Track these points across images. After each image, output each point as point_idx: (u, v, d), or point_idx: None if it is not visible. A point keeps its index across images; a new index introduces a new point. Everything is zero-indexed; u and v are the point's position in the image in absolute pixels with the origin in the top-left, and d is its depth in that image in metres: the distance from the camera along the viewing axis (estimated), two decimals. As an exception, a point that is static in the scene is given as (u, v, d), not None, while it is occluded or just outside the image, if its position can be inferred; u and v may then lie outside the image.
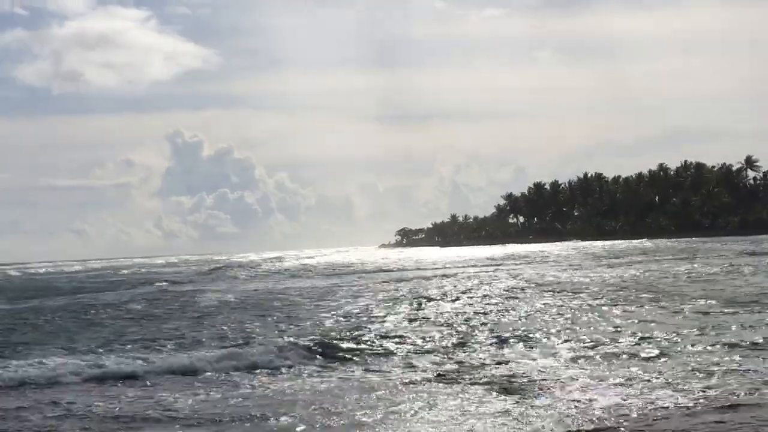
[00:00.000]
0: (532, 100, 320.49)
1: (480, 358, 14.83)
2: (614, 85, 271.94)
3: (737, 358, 13.53)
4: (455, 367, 14.05)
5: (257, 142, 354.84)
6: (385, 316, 22.01)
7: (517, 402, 11.04)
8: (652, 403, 10.64)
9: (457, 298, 26.45)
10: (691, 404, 10.45)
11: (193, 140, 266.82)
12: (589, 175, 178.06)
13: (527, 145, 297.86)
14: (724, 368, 12.68)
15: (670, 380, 12.03)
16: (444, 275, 42.02)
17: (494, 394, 11.67)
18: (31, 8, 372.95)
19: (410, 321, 20.68)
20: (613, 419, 9.89)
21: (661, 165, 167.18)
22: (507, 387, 12.07)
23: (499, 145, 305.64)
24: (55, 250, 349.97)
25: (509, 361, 14.36)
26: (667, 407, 10.35)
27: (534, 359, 14.56)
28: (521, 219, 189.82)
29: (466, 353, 15.50)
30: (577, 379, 12.40)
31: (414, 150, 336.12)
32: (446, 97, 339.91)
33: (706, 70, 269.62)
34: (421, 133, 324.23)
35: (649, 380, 12.13)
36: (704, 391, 11.16)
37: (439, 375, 13.37)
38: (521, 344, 16.29)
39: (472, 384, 12.45)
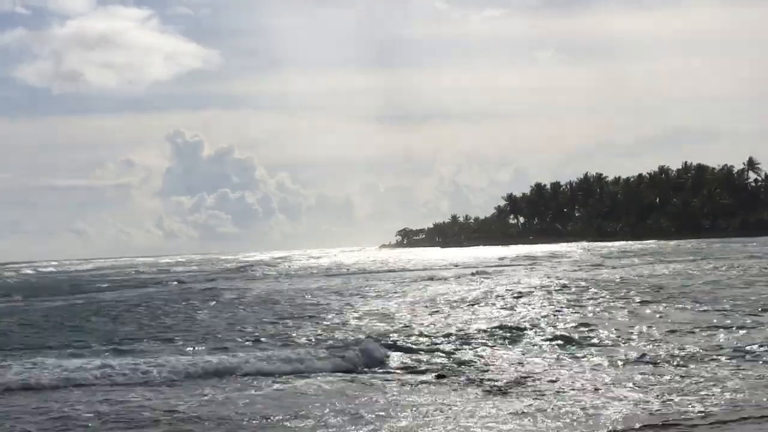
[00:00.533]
0: (532, 100, 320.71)
1: (493, 361, 14.58)
2: (614, 85, 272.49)
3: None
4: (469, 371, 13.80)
5: (258, 143, 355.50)
6: (404, 316, 21.79)
7: (530, 405, 10.84)
8: (670, 409, 10.36)
9: (478, 300, 25.88)
10: (715, 410, 10.14)
11: (193, 140, 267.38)
12: (589, 176, 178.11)
13: (528, 146, 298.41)
14: (754, 376, 12.25)
15: (692, 388, 11.61)
16: (460, 275, 41.43)
17: (501, 396, 11.49)
18: (32, 7, 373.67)
19: (427, 324, 20.31)
20: (624, 426, 9.58)
21: (661, 167, 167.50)
22: (515, 389, 11.90)
23: (500, 146, 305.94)
24: (55, 250, 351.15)
25: (522, 363, 14.22)
26: (686, 415, 10.04)
27: (547, 361, 14.38)
28: (521, 220, 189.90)
29: (485, 356, 15.20)
30: (594, 383, 12.13)
31: (414, 150, 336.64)
32: (446, 98, 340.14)
33: (707, 70, 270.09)
34: (421, 133, 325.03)
35: (670, 386, 11.81)
36: (728, 396, 10.92)
37: (440, 375, 13.24)
38: (537, 346, 16.06)
39: (477, 386, 12.30)
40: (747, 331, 16.63)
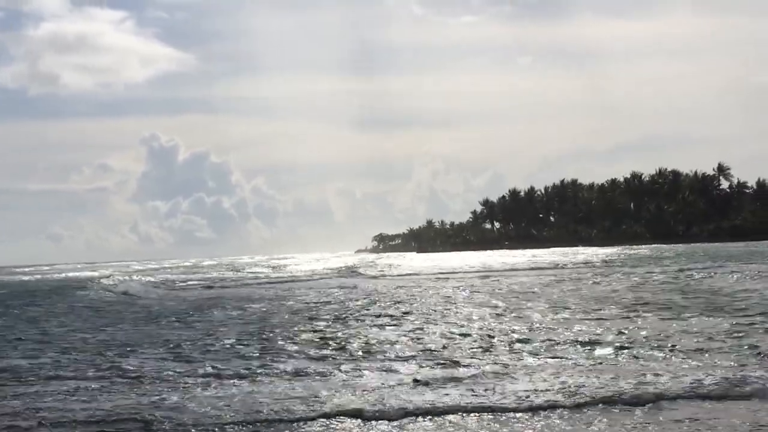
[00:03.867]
0: (510, 106, 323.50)
1: None
2: (593, 91, 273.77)
3: None
4: None
5: (234, 147, 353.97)
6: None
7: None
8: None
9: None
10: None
11: (169, 144, 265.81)
12: (565, 182, 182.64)
13: (506, 152, 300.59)
14: None
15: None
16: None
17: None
18: (5, 9, 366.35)
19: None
20: None
21: (634, 173, 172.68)
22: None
23: (478, 152, 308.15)
24: (29, 255, 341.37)
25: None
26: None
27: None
28: (497, 225, 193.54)
29: None
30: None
31: (392, 156, 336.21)
32: (424, 103, 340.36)
33: (685, 77, 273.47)
34: (399, 138, 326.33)
35: None
36: None
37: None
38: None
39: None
40: None
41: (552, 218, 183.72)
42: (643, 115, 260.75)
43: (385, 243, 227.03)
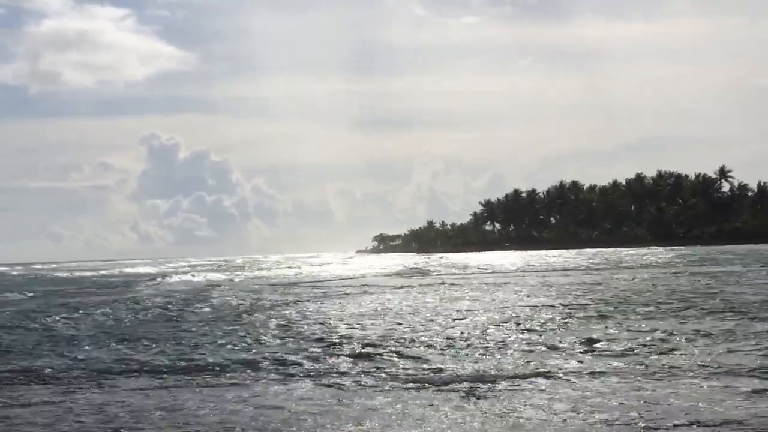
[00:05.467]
0: (511, 106, 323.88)
1: None
2: (593, 92, 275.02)
3: None
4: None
5: (234, 146, 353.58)
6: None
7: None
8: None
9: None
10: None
11: (170, 143, 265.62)
12: (565, 184, 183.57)
13: (506, 152, 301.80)
14: None
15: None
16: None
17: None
18: (7, 6, 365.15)
19: None
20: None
21: (637, 174, 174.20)
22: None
23: (478, 152, 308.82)
24: (29, 253, 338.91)
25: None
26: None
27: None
28: (498, 226, 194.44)
29: None
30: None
31: (392, 156, 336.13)
32: (424, 104, 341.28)
33: (685, 78, 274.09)
34: (399, 138, 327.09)
35: None
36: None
37: None
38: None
39: None
40: None
41: (553, 220, 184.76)
42: (643, 115, 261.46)
43: (385, 243, 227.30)
